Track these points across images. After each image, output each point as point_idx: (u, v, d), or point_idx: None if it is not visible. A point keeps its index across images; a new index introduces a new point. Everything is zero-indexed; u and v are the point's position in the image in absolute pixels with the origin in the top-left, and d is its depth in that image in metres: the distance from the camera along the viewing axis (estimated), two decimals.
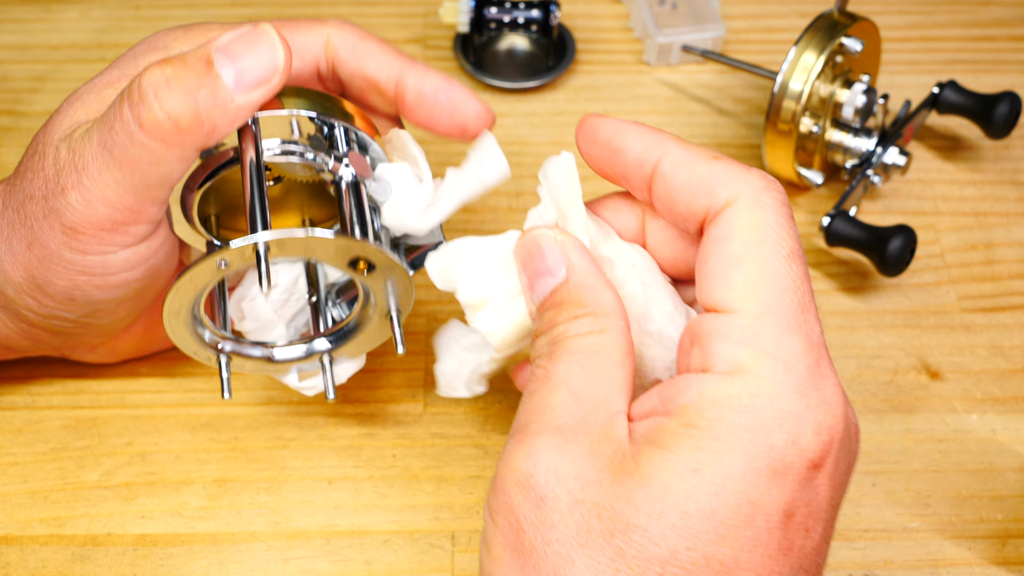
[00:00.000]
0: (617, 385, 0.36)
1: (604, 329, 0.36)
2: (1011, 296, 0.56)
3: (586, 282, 0.37)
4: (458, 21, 0.63)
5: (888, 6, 0.69)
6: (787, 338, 0.34)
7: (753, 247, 0.35)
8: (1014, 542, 0.47)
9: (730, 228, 0.36)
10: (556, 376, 0.36)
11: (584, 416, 0.35)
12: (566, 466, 0.34)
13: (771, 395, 0.33)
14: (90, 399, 0.50)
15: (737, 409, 0.33)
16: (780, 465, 0.33)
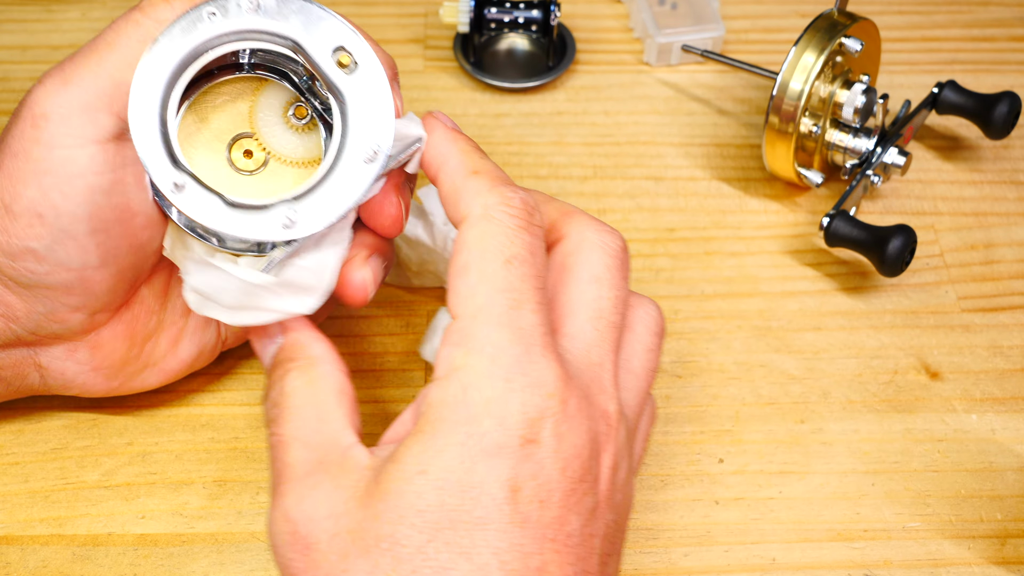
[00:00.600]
0: (340, 423, 0.39)
1: (313, 379, 0.40)
2: (1011, 296, 0.56)
3: (297, 340, 0.41)
4: (458, 21, 0.63)
5: (888, 6, 0.69)
6: (495, 334, 0.37)
7: (477, 256, 0.38)
8: (1013, 542, 0.47)
9: (462, 241, 0.39)
10: (286, 437, 0.39)
11: (320, 460, 0.38)
12: (317, 509, 0.37)
13: (478, 386, 0.37)
14: (90, 399, 0.50)
15: (452, 406, 0.37)
16: (492, 447, 0.36)
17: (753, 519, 0.48)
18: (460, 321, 0.38)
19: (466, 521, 0.36)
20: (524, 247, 0.39)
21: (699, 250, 0.57)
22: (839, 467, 0.49)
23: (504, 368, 0.37)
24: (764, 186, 0.60)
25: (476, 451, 0.36)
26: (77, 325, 0.45)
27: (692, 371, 0.52)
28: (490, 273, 0.38)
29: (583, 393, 0.38)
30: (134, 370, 0.47)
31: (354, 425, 0.40)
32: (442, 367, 0.38)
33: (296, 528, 0.37)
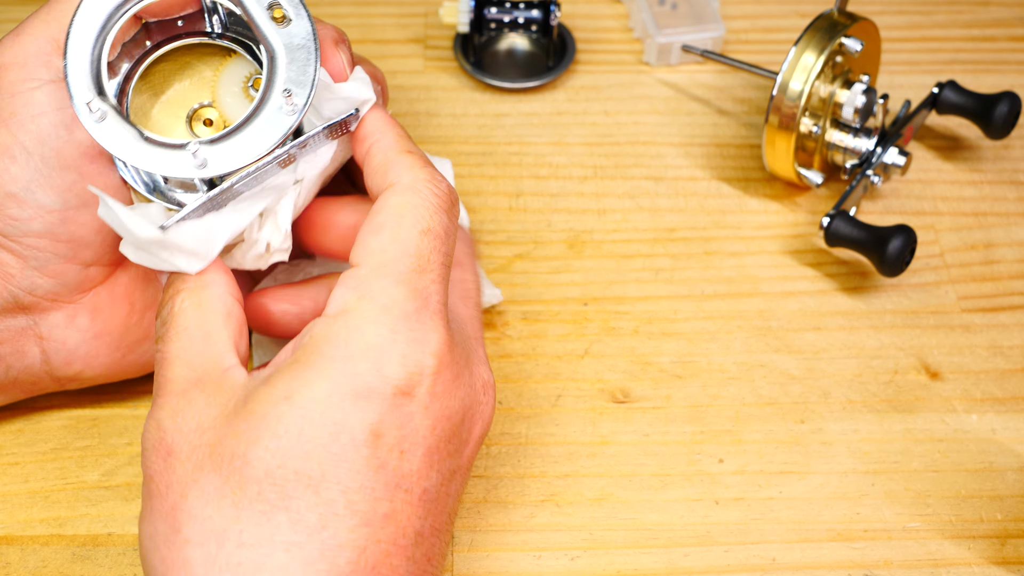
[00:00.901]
0: (223, 345, 0.40)
1: (201, 301, 0.41)
2: (1011, 296, 0.56)
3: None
4: (458, 21, 0.63)
5: (888, 6, 0.69)
6: (393, 288, 0.39)
7: (393, 219, 0.40)
8: (1014, 542, 0.47)
9: (383, 204, 0.41)
10: (170, 354, 0.40)
11: (199, 378, 0.39)
12: (187, 422, 0.38)
13: (363, 330, 0.38)
14: (90, 399, 0.50)
15: (332, 342, 0.38)
16: (363, 389, 0.37)
17: (753, 519, 0.48)
18: (361, 269, 0.40)
19: (320, 454, 0.37)
20: (441, 225, 0.41)
21: (699, 250, 0.57)
22: (839, 467, 0.49)
23: (393, 319, 0.38)
24: (764, 186, 0.60)
25: (346, 390, 0.37)
26: (72, 279, 0.45)
27: (692, 371, 0.52)
28: (404, 237, 0.40)
29: (464, 360, 0.41)
30: (135, 339, 0.48)
31: (238, 348, 0.41)
32: (333, 305, 0.39)
33: (163, 436, 0.38)
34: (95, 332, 0.46)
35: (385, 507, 0.38)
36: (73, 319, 0.46)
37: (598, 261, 0.56)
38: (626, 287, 0.55)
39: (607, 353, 0.53)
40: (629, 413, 0.51)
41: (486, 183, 0.59)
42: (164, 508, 0.38)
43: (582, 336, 0.53)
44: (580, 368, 0.52)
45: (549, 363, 0.52)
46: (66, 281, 0.45)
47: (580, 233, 0.57)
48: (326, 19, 0.67)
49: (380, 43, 0.66)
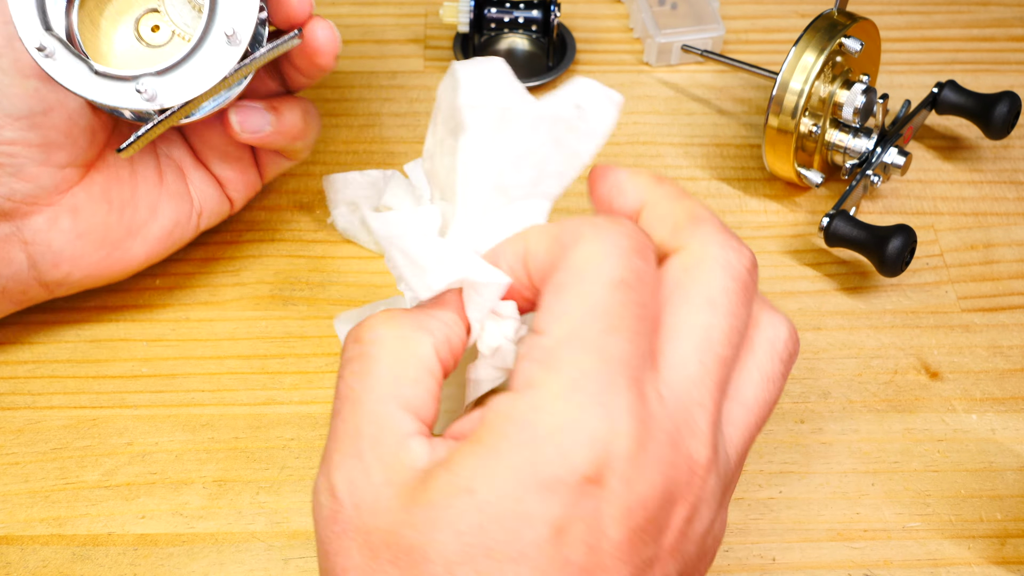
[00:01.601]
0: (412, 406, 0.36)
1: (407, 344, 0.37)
2: (1011, 296, 0.56)
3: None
4: (458, 21, 0.63)
5: (888, 6, 0.69)
6: (582, 357, 0.34)
7: (576, 276, 0.35)
8: (1013, 542, 0.47)
9: (565, 263, 0.36)
10: (353, 381, 0.36)
11: (376, 438, 0.35)
12: (364, 498, 0.35)
13: (551, 409, 0.33)
14: (90, 399, 0.50)
15: (518, 423, 0.33)
16: (549, 480, 0.33)
17: (753, 519, 0.48)
18: (546, 339, 0.35)
19: (502, 552, 0.33)
20: (632, 272, 0.35)
21: None
22: (839, 467, 0.49)
23: (582, 396, 0.33)
24: (764, 186, 0.60)
25: (530, 481, 0.33)
26: (48, 181, 0.47)
27: None
28: (588, 294, 0.35)
29: (667, 436, 0.34)
30: (118, 237, 0.49)
31: (427, 410, 0.36)
32: (519, 380, 0.35)
33: (338, 511, 0.35)
34: (77, 232, 0.48)
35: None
36: (55, 221, 0.48)
37: None
38: None
39: None
40: None
41: None
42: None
43: None
44: None
45: None
46: (43, 184, 0.47)
47: None
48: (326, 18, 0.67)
49: (380, 43, 0.66)
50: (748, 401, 0.37)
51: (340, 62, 0.65)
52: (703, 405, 0.35)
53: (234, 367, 0.52)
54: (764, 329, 0.38)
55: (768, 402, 0.38)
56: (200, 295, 0.54)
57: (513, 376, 0.35)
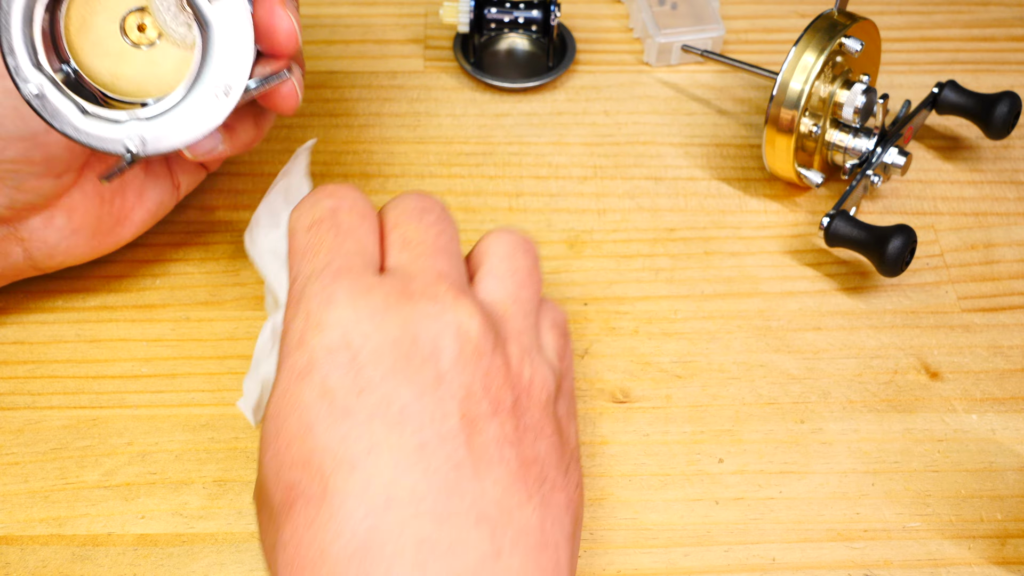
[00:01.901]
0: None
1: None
2: (1011, 296, 0.56)
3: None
4: (458, 21, 0.63)
5: (888, 6, 0.69)
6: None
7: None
8: (1014, 542, 0.47)
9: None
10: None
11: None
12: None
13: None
14: (90, 399, 0.50)
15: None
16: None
17: (753, 519, 0.48)
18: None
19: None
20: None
21: (699, 250, 0.57)
22: (839, 467, 0.49)
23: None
24: (764, 186, 0.60)
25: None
26: (48, 190, 0.48)
27: (692, 371, 0.52)
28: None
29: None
30: (108, 226, 0.51)
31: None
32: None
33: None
34: (72, 228, 0.50)
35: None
36: (51, 220, 0.49)
37: (598, 261, 0.56)
38: (626, 287, 0.55)
39: (607, 353, 0.53)
40: (629, 413, 0.51)
41: (486, 183, 0.59)
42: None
43: (582, 336, 0.53)
44: (580, 368, 0.52)
45: None
46: (43, 192, 0.48)
47: (580, 233, 0.58)
48: (325, 19, 0.67)
49: (380, 43, 0.66)
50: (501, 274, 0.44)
51: (340, 62, 0.65)
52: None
53: (234, 367, 0.52)
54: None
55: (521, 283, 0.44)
56: (200, 295, 0.54)
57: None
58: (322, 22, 0.67)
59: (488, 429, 0.38)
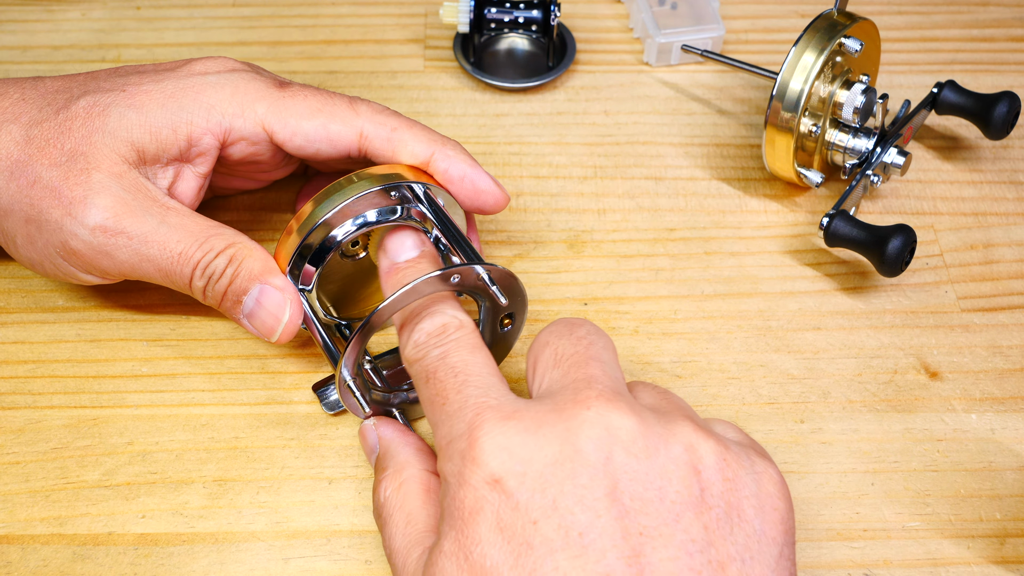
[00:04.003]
0: (424, 524, 0.42)
1: (401, 485, 0.43)
2: (1010, 296, 0.56)
3: (387, 448, 0.45)
4: (458, 21, 0.63)
5: (888, 6, 0.69)
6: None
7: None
8: (1013, 541, 0.47)
9: None
10: (388, 545, 0.42)
11: (403, 565, 0.41)
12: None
13: None
14: (91, 398, 0.50)
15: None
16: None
17: None
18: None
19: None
20: None
21: (699, 250, 0.57)
22: (839, 467, 0.49)
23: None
24: (764, 186, 0.60)
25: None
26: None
27: (692, 371, 0.52)
28: None
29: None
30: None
31: (436, 525, 0.41)
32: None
33: None
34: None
35: None
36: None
37: (598, 261, 0.56)
38: (626, 287, 0.55)
39: None
40: None
41: None
42: None
43: None
44: None
45: None
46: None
47: (580, 233, 0.58)
48: (325, 19, 0.67)
49: (380, 43, 0.66)
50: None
51: (340, 62, 0.65)
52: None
53: (234, 367, 0.52)
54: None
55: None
56: None
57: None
58: (322, 22, 0.67)
59: (674, 538, 0.36)
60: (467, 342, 0.42)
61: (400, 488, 0.43)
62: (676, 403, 0.42)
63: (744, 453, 0.39)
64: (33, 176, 0.47)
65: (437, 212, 0.48)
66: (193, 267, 0.47)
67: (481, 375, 0.41)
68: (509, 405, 0.39)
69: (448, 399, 0.40)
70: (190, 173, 0.50)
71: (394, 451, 0.45)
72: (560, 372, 0.41)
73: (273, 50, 0.65)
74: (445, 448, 0.39)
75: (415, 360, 0.43)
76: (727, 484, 0.38)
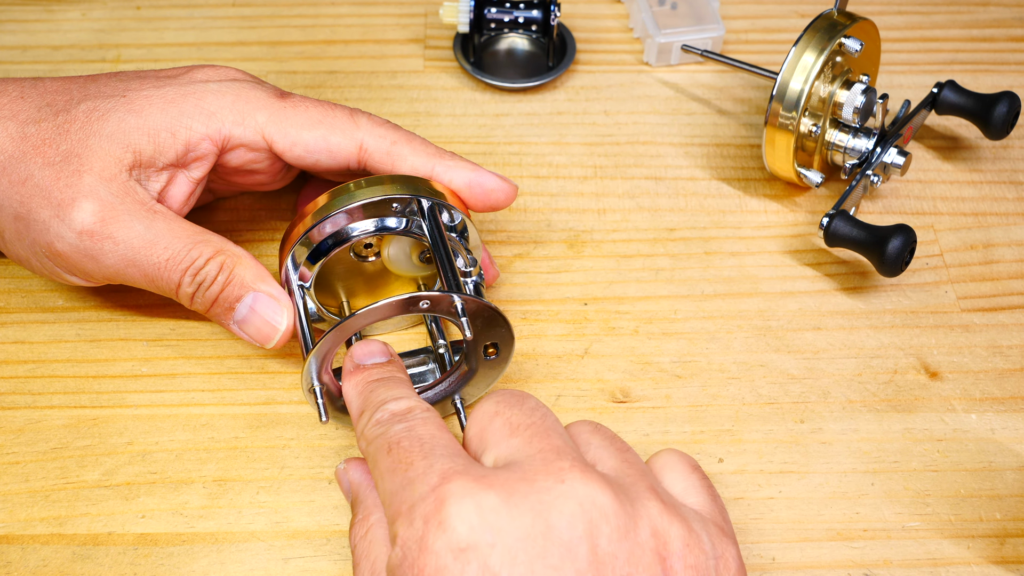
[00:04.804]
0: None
1: (368, 529, 0.42)
2: (1010, 296, 0.56)
3: (356, 493, 0.44)
4: (458, 21, 0.63)
5: (888, 6, 0.69)
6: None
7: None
8: (1013, 541, 0.47)
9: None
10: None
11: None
12: None
13: None
14: (91, 398, 0.50)
15: None
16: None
17: (753, 519, 0.48)
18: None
19: None
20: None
21: (699, 250, 0.57)
22: (839, 467, 0.49)
23: None
24: (764, 186, 0.60)
25: None
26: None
27: (692, 371, 0.52)
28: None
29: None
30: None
31: None
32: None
33: None
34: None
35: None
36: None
37: (598, 261, 0.56)
38: (626, 287, 0.55)
39: (607, 353, 0.53)
40: (629, 413, 0.51)
41: None
42: None
43: (582, 336, 0.53)
44: (580, 368, 0.52)
45: (549, 363, 0.53)
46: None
47: (580, 233, 0.58)
48: (325, 19, 0.67)
49: (380, 43, 0.66)
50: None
51: (340, 62, 0.65)
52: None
53: (234, 367, 0.52)
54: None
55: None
56: None
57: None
58: (322, 22, 0.67)
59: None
60: (434, 422, 0.41)
61: (366, 535, 0.42)
62: (638, 469, 0.40)
63: (706, 533, 0.39)
64: (25, 173, 0.47)
65: (434, 232, 0.48)
66: (182, 273, 0.47)
67: (449, 447, 0.40)
68: (478, 470, 0.38)
69: (412, 464, 0.39)
70: (183, 178, 0.50)
71: (362, 496, 0.44)
72: (521, 441, 0.39)
73: (273, 50, 0.65)
74: (405, 513, 0.37)
75: (375, 436, 0.41)
76: (689, 572, 0.38)
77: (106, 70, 0.64)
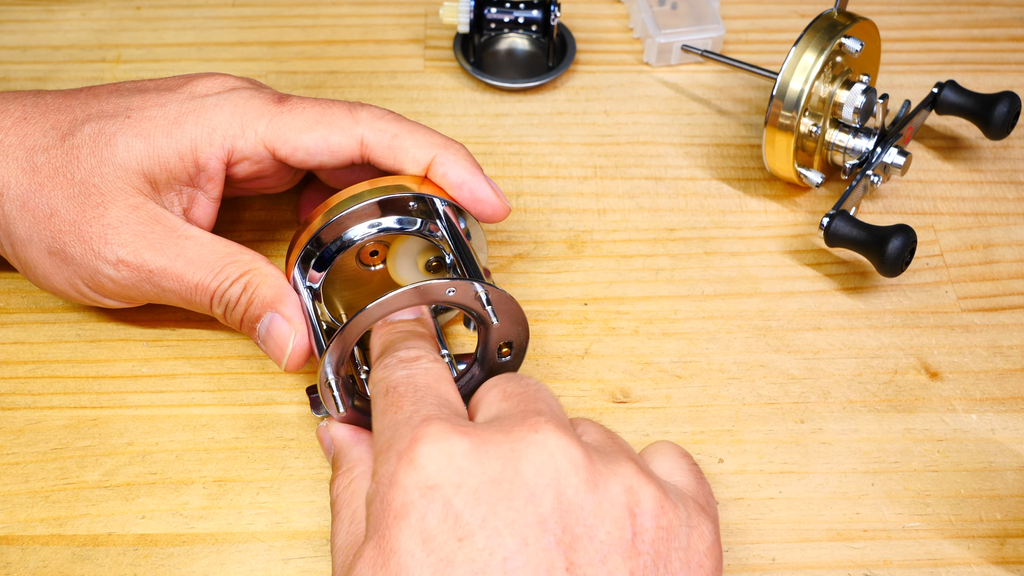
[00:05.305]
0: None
1: (352, 480, 0.43)
2: (1010, 296, 0.56)
3: (340, 448, 0.46)
4: (458, 21, 0.63)
5: (888, 6, 0.69)
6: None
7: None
8: (1013, 541, 0.47)
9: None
10: (334, 543, 0.42)
11: (340, 562, 0.41)
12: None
13: None
14: (91, 399, 0.50)
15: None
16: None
17: (753, 519, 0.48)
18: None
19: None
20: None
21: (699, 250, 0.57)
22: (839, 467, 0.49)
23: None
24: (764, 186, 0.60)
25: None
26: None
27: (692, 371, 0.52)
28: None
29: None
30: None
31: None
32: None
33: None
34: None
35: None
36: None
37: (598, 261, 0.56)
38: (626, 287, 0.55)
39: (607, 353, 0.53)
40: (629, 413, 0.51)
41: None
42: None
43: (582, 336, 0.53)
44: (580, 368, 0.52)
45: (549, 363, 0.53)
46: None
47: (580, 233, 0.58)
48: (325, 19, 0.67)
49: (380, 43, 0.66)
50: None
51: (340, 62, 0.65)
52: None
53: (234, 367, 0.52)
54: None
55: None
56: None
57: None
58: (322, 22, 0.67)
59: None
60: (437, 373, 0.42)
61: (349, 486, 0.43)
62: (621, 445, 0.41)
63: (683, 504, 0.39)
64: (49, 209, 0.47)
65: (452, 229, 0.48)
66: (211, 297, 0.48)
67: (441, 397, 0.41)
68: (460, 421, 0.39)
69: (402, 408, 0.40)
70: (203, 199, 0.50)
71: (346, 450, 0.45)
72: (509, 404, 0.41)
73: (273, 50, 0.65)
74: (384, 451, 0.39)
75: (379, 379, 0.43)
76: (660, 532, 0.38)
77: (106, 70, 0.64)
